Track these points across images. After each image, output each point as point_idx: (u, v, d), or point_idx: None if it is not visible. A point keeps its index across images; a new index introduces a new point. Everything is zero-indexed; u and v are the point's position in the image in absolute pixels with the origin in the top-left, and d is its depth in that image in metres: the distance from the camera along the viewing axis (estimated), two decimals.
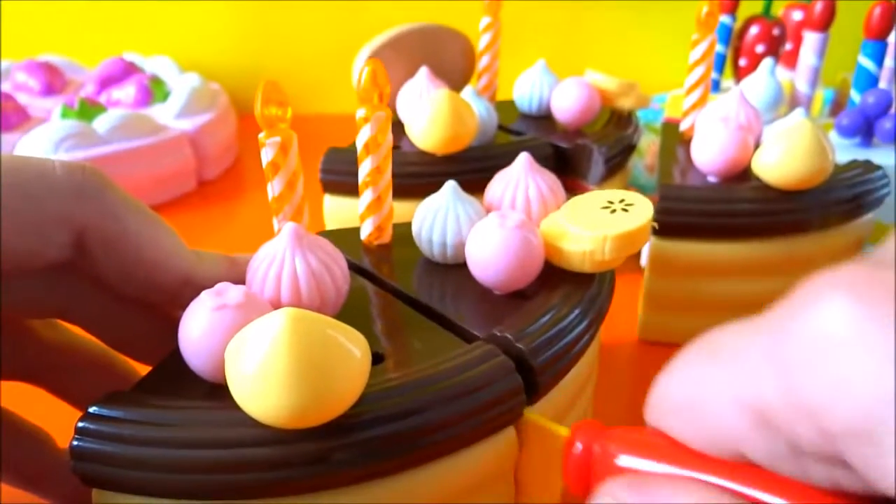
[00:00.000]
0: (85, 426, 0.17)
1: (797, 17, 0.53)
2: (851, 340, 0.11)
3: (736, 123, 0.33)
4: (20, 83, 0.59)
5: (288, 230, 0.20)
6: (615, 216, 0.23)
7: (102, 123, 0.49)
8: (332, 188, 0.36)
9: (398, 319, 0.23)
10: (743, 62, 0.52)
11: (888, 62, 0.44)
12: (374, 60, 0.25)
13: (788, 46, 0.53)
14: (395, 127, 0.29)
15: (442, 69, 0.44)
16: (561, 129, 0.40)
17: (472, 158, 0.35)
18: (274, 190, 0.22)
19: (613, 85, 0.40)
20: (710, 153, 0.33)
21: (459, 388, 0.18)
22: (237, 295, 0.18)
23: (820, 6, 0.44)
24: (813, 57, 0.46)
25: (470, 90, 0.37)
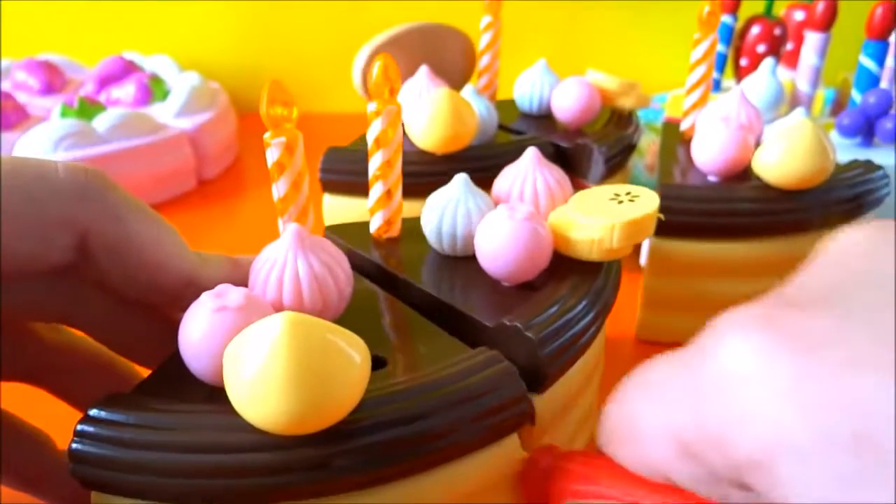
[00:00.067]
0: (84, 429, 0.17)
1: (799, 16, 0.53)
2: (748, 377, 0.12)
3: (737, 123, 0.33)
4: (20, 82, 0.59)
5: (290, 232, 0.20)
6: (622, 206, 0.23)
7: (102, 122, 0.48)
8: (331, 187, 0.35)
9: (401, 323, 0.23)
10: (744, 62, 0.51)
11: (889, 62, 0.44)
12: (385, 55, 0.25)
13: (790, 46, 0.53)
14: None
15: (442, 68, 0.44)
16: (561, 128, 0.40)
17: (472, 158, 0.35)
18: (279, 190, 0.22)
19: (614, 84, 0.40)
20: (710, 153, 0.33)
21: (462, 393, 0.18)
22: (238, 297, 0.18)
23: (821, 6, 0.44)
24: (814, 57, 0.46)
25: (470, 89, 0.37)
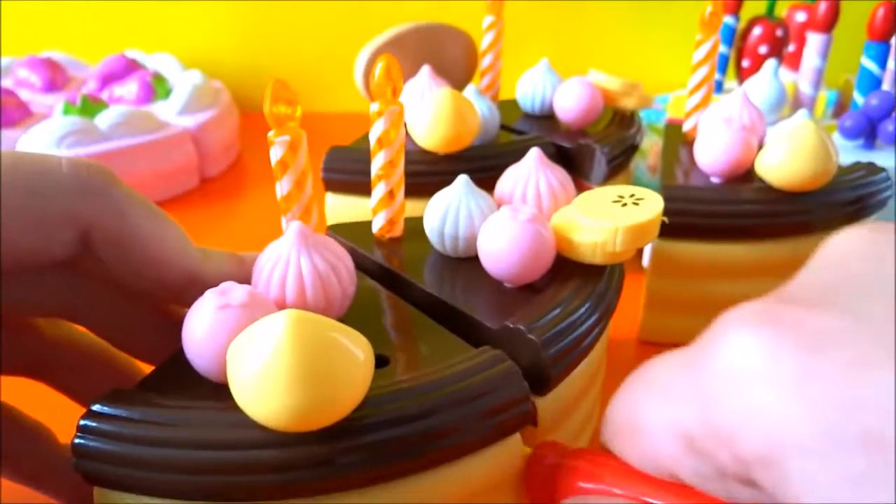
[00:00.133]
0: (87, 424, 0.17)
1: (801, 18, 0.53)
2: (755, 374, 0.12)
3: (739, 124, 0.33)
4: (22, 79, 0.59)
5: (294, 230, 0.20)
6: (626, 209, 0.23)
7: (104, 120, 0.48)
8: (333, 186, 0.35)
9: (405, 322, 0.23)
10: (746, 63, 0.51)
11: (891, 64, 0.44)
12: (387, 55, 0.25)
13: (792, 48, 0.53)
14: None
15: (444, 68, 0.44)
16: (563, 128, 0.40)
17: (474, 157, 0.35)
18: (282, 189, 0.22)
19: (616, 85, 0.40)
20: (713, 154, 0.33)
21: (465, 392, 0.18)
22: (241, 294, 0.18)
23: (824, 7, 0.44)
24: (816, 58, 0.46)
25: (472, 89, 0.37)
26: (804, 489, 0.11)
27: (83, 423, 0.17)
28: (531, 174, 0.27)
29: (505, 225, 0.23)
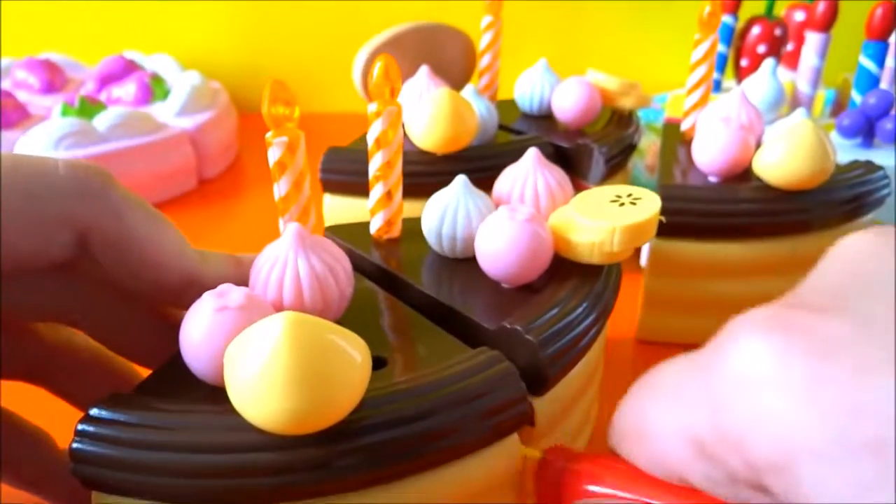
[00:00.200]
0: (85, 428, 0.17)
1: (799, 17, 0.53)
2: (765, 379, 0.12)
3: (737, 123, 0.33)
4: (20, 81, 0.59)
5: (291, 231, 0.20)
6: (624, 209, 0.23)
7: (102, 121, 0.48)
8: (331, 187, 0.35)
9: (402, 323, 0.23)
10: (744, 62, 0.51)
11: (889, 63, 0.44)
12: (385, 55, 0.25)
13: (790, 47, 0.53)
14: None
15: (442, 68, 0.44)
16: (562, 128, 0.40)
17: (472, 158, 0.35)
18: (280, 190, 0.22)
19: (614, 84, 0.40)
20: (711, 153, 0.33)
21: (463, 393, 0.18)
22: (239, 297, 0.18)
23: (822, 7, 0.44)
24: (814, 57, 0.46)
25: (471, 89, 0.37)
26: (816, 494, 0.11)
27: (81, 427, 0.17)
28: (529, 174, 0.27)
29: (503, 225, 0.23)
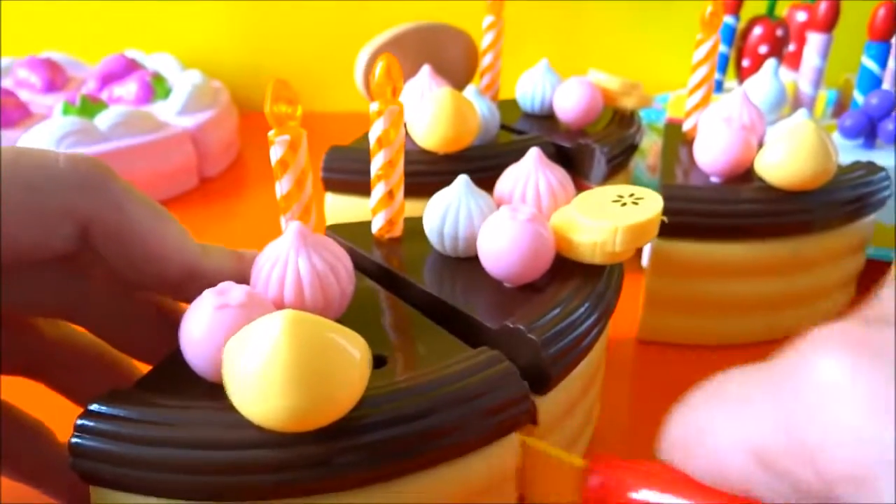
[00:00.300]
0: (84, 423, 0.17)
1: (801, 17, 0.53)
2: (846, 391, 0.12)
3: (739, 124, 0.33)
4: (22, 80, 0.59)
5: (292, 230, 0.20)
6: (626, 209, 0.23)
7: (104, 120, 0.48)
8: (333, 186, 0.35)
9: (403, 322, 0.23)
10: (746, 63, 0.51)
11: (891, 63, 0.43)
12: (387, 55, 0.25)
13: (792, 47, 0.52)
14: None
15: (444, 68, 0.44)
16: (563, 128, 0.40)
17: (474, 157, 0.35)
18: (282, 188, 0.22)
19: (616, 84, 0.40)
20: (712, 153, 0.33)
21: (463, 393, 0.18)
22: (239, 294, 0.18)
23: (824, 7, 0.44)
24: (816, 58, 0.46)
25: (472, 89, 0.37)
26: None
27: (80, 422, 0.17)
28: (531, 174, 0.27)
29: (504, 225, 0.23)
